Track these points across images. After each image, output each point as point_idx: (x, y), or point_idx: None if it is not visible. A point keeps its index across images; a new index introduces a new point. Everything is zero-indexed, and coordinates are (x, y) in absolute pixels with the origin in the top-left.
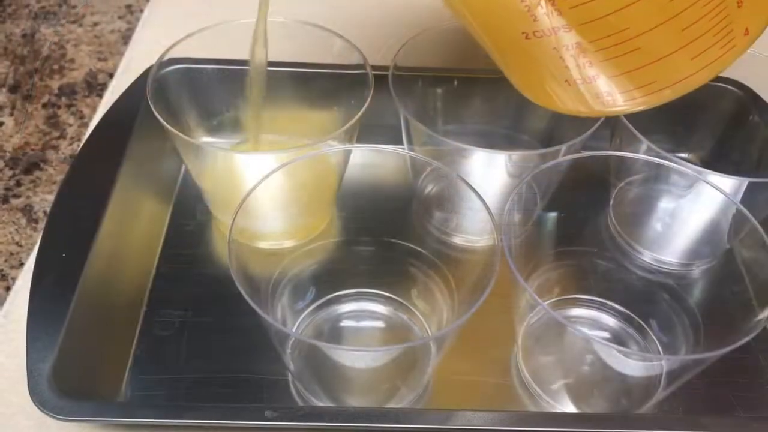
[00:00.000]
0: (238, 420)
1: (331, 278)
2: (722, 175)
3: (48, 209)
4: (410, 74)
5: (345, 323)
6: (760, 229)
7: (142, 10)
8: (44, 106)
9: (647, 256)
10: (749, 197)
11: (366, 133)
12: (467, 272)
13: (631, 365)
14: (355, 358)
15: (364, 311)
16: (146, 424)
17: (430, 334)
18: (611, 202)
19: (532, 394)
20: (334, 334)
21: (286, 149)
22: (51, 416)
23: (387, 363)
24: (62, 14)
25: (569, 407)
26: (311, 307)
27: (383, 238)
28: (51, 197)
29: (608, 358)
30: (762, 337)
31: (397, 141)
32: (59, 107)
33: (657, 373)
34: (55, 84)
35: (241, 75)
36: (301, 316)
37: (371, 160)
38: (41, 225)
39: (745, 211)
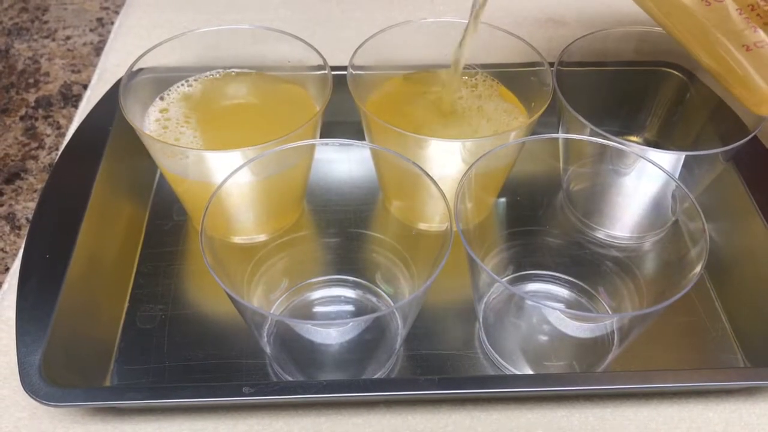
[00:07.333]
0: (218, 397)
1: (302, 268)
2: (660, 151)
3: (30, 216)
4: (369, 73)
5: (317, 308)
6: (692, 198)
7: (113, 23)
8: (22, 118)
9: (600, 233)
10: (688, 170)
11: (331, 129)
12: (426, 255)
13: (582, 328)
14: (326, 335)
15: (334, 296)
16: (132, 407)
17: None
18: (563, 185)
19: (495, 365)
20: (308, 317)
21: (252, 146)
22: (42, 403)
23: (356, 338)
24: (35, 29)
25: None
26: (285, 295)
27: (350, 228)
28: (33, 205)
29: (560, 324)
30: (706, 300)
31: (360, 136)
32: (36, 119)
33: (608, 332)
34: (31, 97)
35: (203, 80)
36: (276, 304)
37: (336, 155)
38: (24, 231)
39: (679, 182)
